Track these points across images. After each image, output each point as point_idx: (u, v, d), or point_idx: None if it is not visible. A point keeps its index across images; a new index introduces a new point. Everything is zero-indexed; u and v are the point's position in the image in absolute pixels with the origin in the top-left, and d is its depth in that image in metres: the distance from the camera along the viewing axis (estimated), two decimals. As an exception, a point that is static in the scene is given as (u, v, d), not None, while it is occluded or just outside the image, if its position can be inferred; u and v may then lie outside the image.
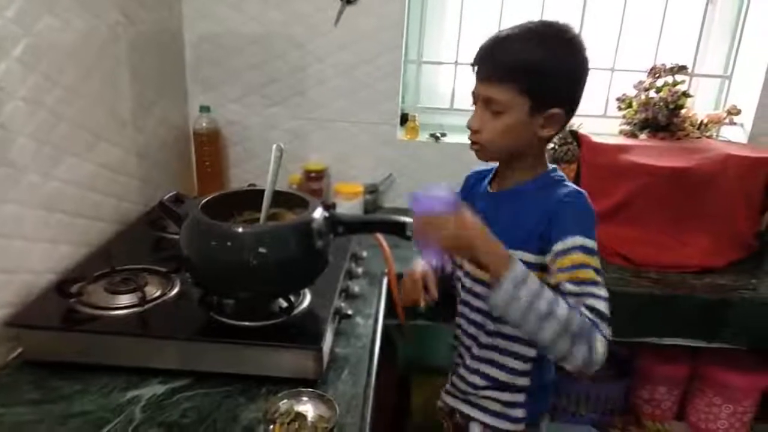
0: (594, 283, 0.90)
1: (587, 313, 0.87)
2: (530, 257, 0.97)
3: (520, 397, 1.10)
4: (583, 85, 0.98)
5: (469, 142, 1.02)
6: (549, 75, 0.93)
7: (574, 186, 0.99)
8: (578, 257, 0.90)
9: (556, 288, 0.91)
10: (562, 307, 0.85)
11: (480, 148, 1.01)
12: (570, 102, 0.97)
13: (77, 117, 1.27)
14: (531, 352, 1.07)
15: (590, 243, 0.92)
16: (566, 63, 0.95)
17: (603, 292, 0.90)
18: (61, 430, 0.89)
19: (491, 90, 0.95)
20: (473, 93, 1.01)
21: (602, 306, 0.88)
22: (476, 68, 0.99)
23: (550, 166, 1.04)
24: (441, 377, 1.22)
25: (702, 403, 1.80)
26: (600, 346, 0.86)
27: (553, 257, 0.93)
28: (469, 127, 1.01)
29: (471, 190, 1.15)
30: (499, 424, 1.11)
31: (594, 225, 0.95)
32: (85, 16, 1.29)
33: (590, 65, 0.97)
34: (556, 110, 0.95)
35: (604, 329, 0.87)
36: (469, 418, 1.15)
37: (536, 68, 0.92)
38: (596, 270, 0.91)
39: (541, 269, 0.97)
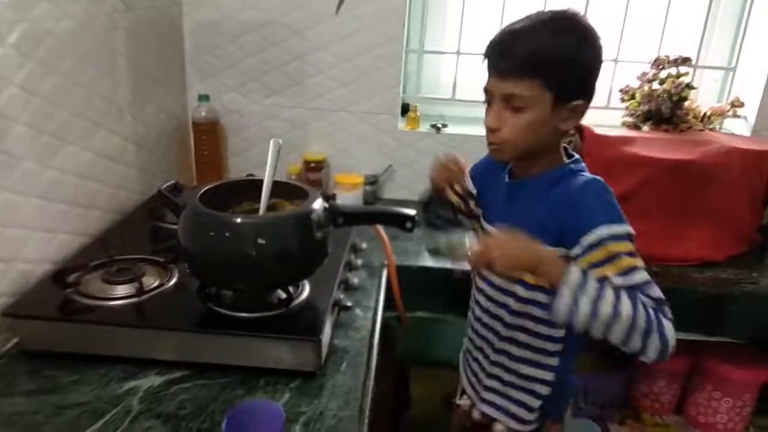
0: (635, 269, 0.88)
1: (648, 302, 0.86)
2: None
3: (544, 391, 1.07)
4: (599, 73, 0.97)
5: (487, 141, 0.99)
6: (573, 65, 0.92)
7: (590, 175, 0.99)
8: (613, 247, 0.88)
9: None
10: (625, 306, 0.83)
11: (499, 147, 0.97)
12: (591, 91, 0.97)
13: (74, 105, 1.26)
14: (555, 347, 1.04)
15: (618, 229, 0.89)
16: (586, 52, 0.93)
17: (645, 274, 0.88)
18: (58, 420, 0.88)
19: (513, 86, 0.92)
20: (486, 90, 0.97)
21: (655, 290, 0.88)
22: (492, 64, 0.95)
23: (569, 155, 1.03)
24: (441, 369, 1.21)
25: (701, 396, 1.79)
26: (669, 332, 0.85)
27: (584, 249, 0.90)
28: (488, 126, 0.97)
29: (482, 177, 1.15)
30: (522, 426, 1.10)
31: (616, 206, 0.93)
32: (83, 2, 1.27)
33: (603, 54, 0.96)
34: (580, 101, 0.95)
35: (667, 313, 0.87)
36: (491, 419, 1.13)
37: (560, 59, 0.91)
38: (630, 254, 0.89)
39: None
